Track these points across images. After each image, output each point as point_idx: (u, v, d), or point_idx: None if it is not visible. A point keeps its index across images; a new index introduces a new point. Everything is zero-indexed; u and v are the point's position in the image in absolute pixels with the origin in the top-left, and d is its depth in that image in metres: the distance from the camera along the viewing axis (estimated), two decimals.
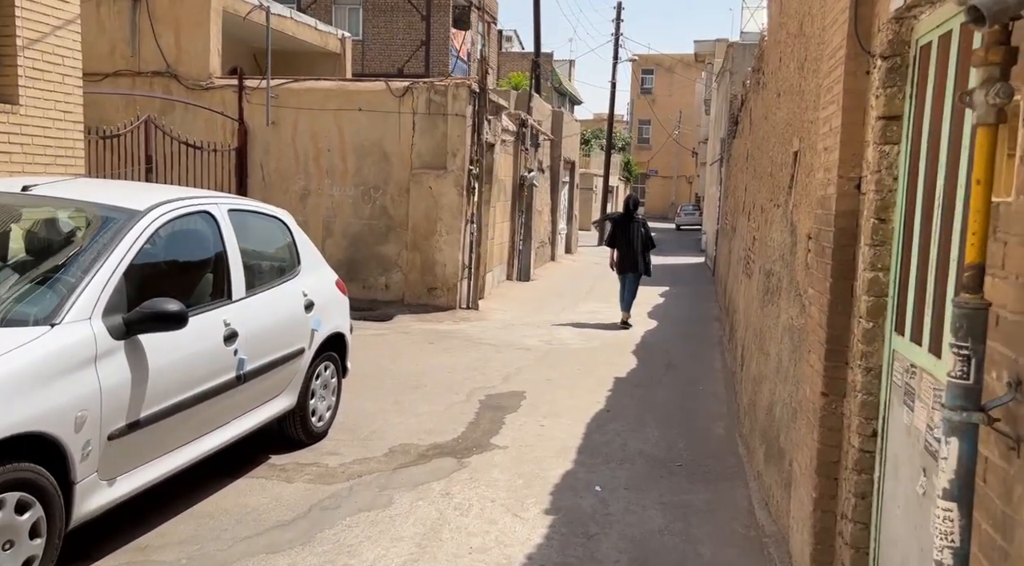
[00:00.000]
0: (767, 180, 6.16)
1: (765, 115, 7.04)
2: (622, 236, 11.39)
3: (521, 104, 17.17)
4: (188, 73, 11.90)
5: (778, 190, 5.32)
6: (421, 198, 11.54)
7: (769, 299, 5.17)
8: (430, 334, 9.84)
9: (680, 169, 62.58)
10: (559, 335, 10.39)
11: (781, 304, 4.71)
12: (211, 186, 11.38)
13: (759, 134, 7.77)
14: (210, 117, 11.78)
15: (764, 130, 6.97)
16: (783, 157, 5.19)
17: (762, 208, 6.40)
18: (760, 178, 7.03)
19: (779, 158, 5.43)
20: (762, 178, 6.78)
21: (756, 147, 8.06)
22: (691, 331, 11.35)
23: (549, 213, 20.21)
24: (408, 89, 11.49)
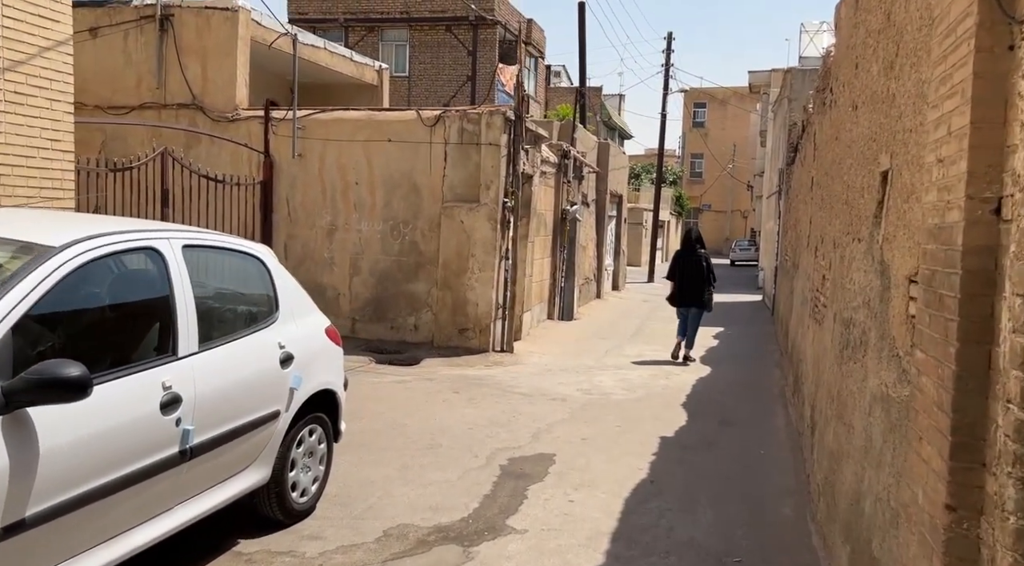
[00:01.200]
0: (841, 209, 5.17)
1: (836, 135, 6.06)
2: (684, 269, 11.22)
3: (564, 135, 16.40)
4: (214, 105, 11.44)
5: (858, 221, 4.33)
6: (452, 233, 10.77)
7: (850, 356, 4.16)
8: (457, 381, 8.96)
9: (734, 203, 61.12)
10: (599, 383, 9.40)
11: (868, 364, 3.70)
12: (234, 222, 10.82)
13: (827, 158, 6.77)
14: (235, 150, 11.28)
15: (835, 152, 5.98)
16: (864, 180, 4.21)
17: (835, 243, 5.40)
18: (830, 208, 6.03)
19: (858, 182, 4.46)
20: (833, 207, 5.78)
21: (824, 173, 7.06)
22: (749, 380, 10.23)
23: (594, 248, 19.29)
24: (440, 118, 10.80)
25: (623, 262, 23.28)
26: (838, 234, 5.25)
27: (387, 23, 32.07)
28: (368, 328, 11.22)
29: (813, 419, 5.68)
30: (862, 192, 4.32)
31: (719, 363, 11.40)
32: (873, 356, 3.61)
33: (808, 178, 9.42)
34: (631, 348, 12.44)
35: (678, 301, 11.29)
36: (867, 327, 3.81)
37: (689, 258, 11.23)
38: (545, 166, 13.68)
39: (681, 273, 11.25)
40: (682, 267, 11.25)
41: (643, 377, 9.95)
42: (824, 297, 6.03)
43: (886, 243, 3.49)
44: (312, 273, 11.32)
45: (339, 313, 11.23)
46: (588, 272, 18.60)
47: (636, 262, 34.80)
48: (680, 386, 9.46)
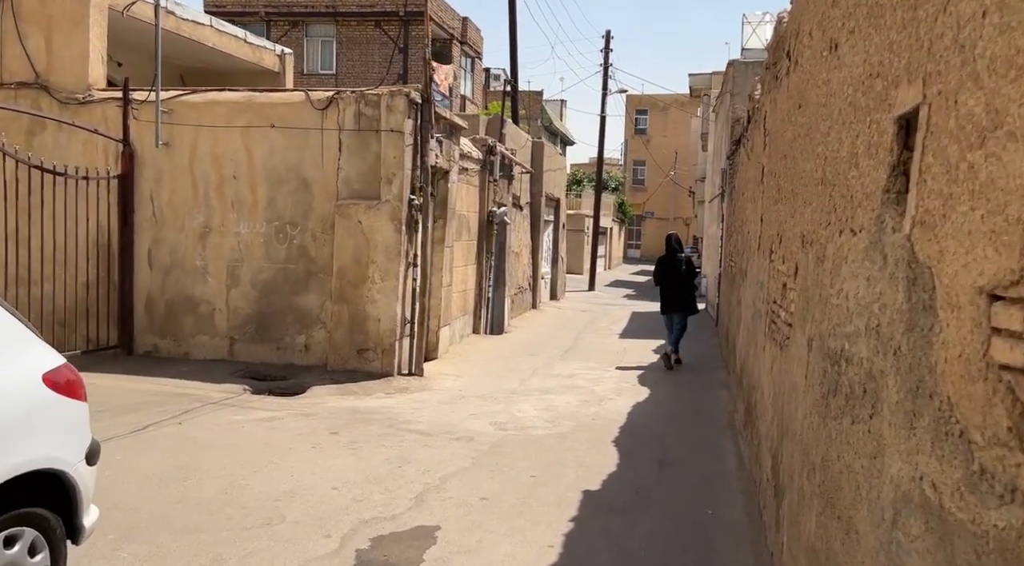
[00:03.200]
0: (813, 194, 3.76)
1: (799, 102, 4.67)
2: (667, 275, 11.30)
3: (492, 131, 14.91)
4: (62, 84, 9.59)
5: (849, 204, 2.90)
6: (349, 236, 9.14)
7: (843, 409, 2.72)
8: (343, 416, 7.33)
9: (677, 211, 60.71)
10: (519, 413, 7.88)
11: (884, 434, 2.24)
12: (84, 224, 9.00)
13: (786, 137, 5.40)
14: (90, 139, 9.45)
15: (799, 124, 4.59)
16: (861, 140, 2.79)
17: (804, 240, 3.98)
18: (793, 197, 4.64)
19: (846, 147, 3.04)
20: (799, 195, 4.38)
21: (780, 157, 5.68)
22: (693, 403, 8.84)
23: (529, 255, 17.83)
24: (332, 100, 9.18)
25: (562, 270, 21.90)
26: (809, 227, 3.83)
27: (312, 17, 30.22)
28: (249, 349, 9.49)
29: (778, 480, 4.24)
30: (854, 160, 2.88)
31: (658, 383, 10.01)
32: (896, 422, 2.15)
33: (757, 170, 8.09)
34: (563, 366, 10.97)
35: (663, 307, 11.38)
36: (878, 369, 2.36)
37: (669, 263, 11.28)
38: (466, 162, 12.15)
39: (664, 279, 11.29)
40: (665, 272, 11.29)
41: (571, 404, 8.46)
42: (787, 312, 4.63)
43: (922, 232, 2.03)
44: (182, 284, 9.56)
45: (214, 331, 9.49)
46: (522, 281, 17.12)
47: (577, 270, 33.54)
48: (613, 415, 8.00)
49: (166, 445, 6.00)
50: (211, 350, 9.53)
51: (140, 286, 9.60)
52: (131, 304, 9.56)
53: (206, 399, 7.76)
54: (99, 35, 9.66)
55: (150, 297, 9.61)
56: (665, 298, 11.33)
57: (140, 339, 9.64)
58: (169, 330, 9.60)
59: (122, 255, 9.47)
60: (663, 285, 11.35)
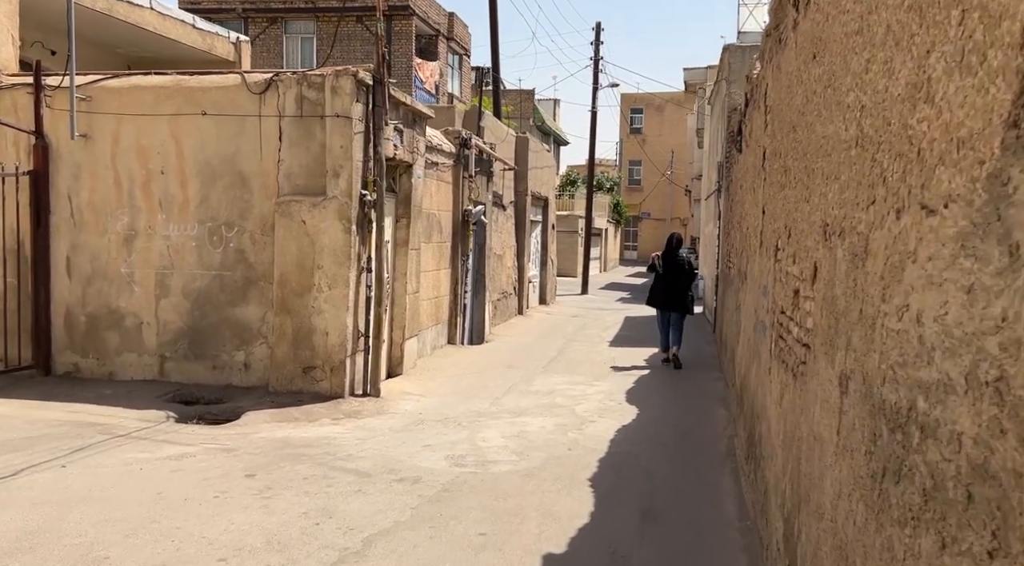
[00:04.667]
0: (844, 162, 2.61)
1: (814, 53, 3.52)
2: (666, 273, 11.18)
3: (470, 124, 13.78)
4: None
5: (918, 167, 1.77)
6: (291, 237, 7.99)
7: (926, 519, 1.59)
8: (270, 451, 6.18)
9: (674, 211, 59.66)
10: (483, 442, 6.72)
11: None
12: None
13: (794, 106, 4.26)
14: (0, 131, 8.32)
15: (815, 81, 3.44)
16: (941, 57, 1.65)
17: (827, 231, 2.84)
18: (808, 175, 3.49)
19: (902, 81, 1.90)
20: (815, 173, 3.23)
21: (789, 130, 4.53)
22: (686, 425, 7.69)
23: (514, 258, 16.69)
24: (271, 82, 8.04)
25: (551, 273, 20.77)
26: (837, 211, 2.68)
27: (291, 13, 29.09)
28: (182, 368, 8.34)
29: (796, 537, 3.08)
30: (925, 91, 1.74)
31: (648, 399, 8.86)
32: None
33: (757, 156, 6.97)
34: (543, 380, 9.82)
35: (660, 304, 11.28)
36: (1005, 466, 1.22)
37: (670, 261, 11.14)
38: (436, 155, 11.02)
39: (663, 277, 11.18)
40: (665, 270, 11.16)
41: (546, 429, 7.31)
42: (800, 328, 3.49)
43: None
44: (105, 295, 8.41)
45: (143, 348, 8.34)
46: (506, 285, 15.98)
47: (571, 272, 32.41)
48: (593, 442, 6.85)
49: (31, 498, 4.85)
50: (139, 369, 8.38)
51: (58, 298, 8.45)
52: (48, 318, 8.41)
53: (116, 430, 6.61)
54: (8, 13, 8.53)
55: (69, 310, 8.45)
56: (659, 292, 11.28)
57: (59, 358, 8.49)
58: (91, 347, 8.45)
59: (36, 263, 8.33)
60: (659, 277, 11.26)
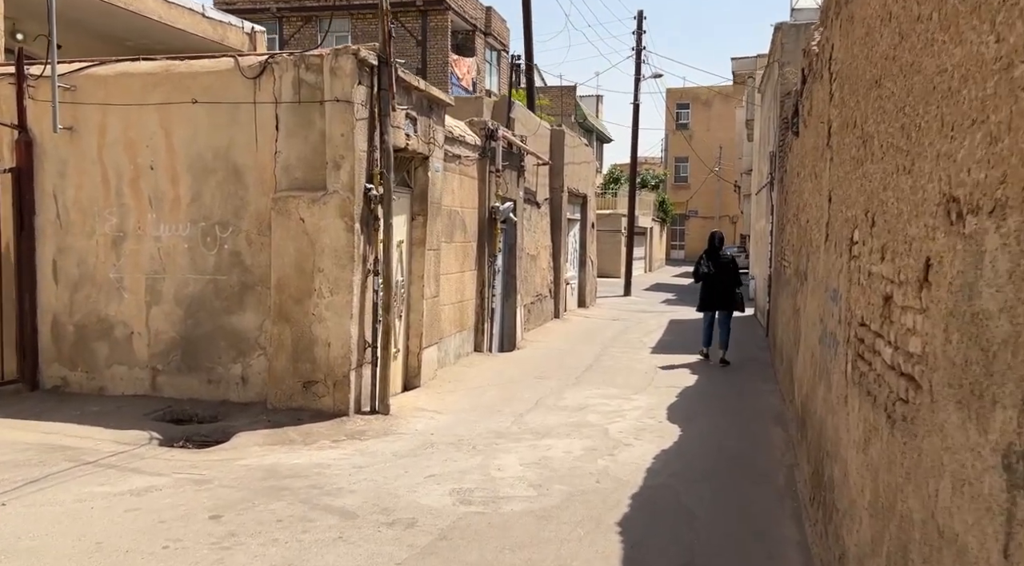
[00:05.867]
0: (988, 100, 1.63)
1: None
2: (712, 272, 11.00)
3: (499, 115, 12.88)
4: None
5: None
6: (289, 238, 7.18)
7: None
8: (249, 483, 5.34)
9: (722, 209, 57.95)
10: (498, 472, 5.79)
11: None
12: None
13: (877, 55, 3.24)
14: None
15: (924, 2, 2.42)
16: None
17: (954, 210, 1.85)
18: (904, 140, 2.49)
19: None
20: (926, 130, 2.23)
21: (870, 86, 3.51)
22: (736, 451, 6.65)
23: (549, 258, 15.74)
24: (266, 65, 7.24)
25: (591, 274, 19.73)
26: (973, 176, 1.69)
27: (325, 12, 28.58)
28: (176, 382, 7.60)
29: None
30: None
31: (693, 416, 7.82)
32: None
33: (819, 135, 5.92)
34: (575, 393, 8.86)
35: (706, 304, 11.16)
36: None
37: (715, 260, 10.98)
38: (457, 147, 10.13)
39: (708, 276, 10.99)
40: (709, 269, 10.97)
41: (573, 454, 6.35)
42: (901, 353, 2.49)
43: None
44: (94, 303, 7.71)
45: (134, 361, 7.63)
46: (540, 287, 15.04)
47: (614, 273, 31.28)
48: (627, 472, 5.86)
49: None
50: (130, 384, 7.67)
51: (44, 305, 7.79)
52: (34, 328, 7.75)
53: (87, 456, 5.87)
54: None
55: (56, 319, 7.79)
56: (707, 294, 11.09)
57: (46, 371, 7.83)
58: (80, 360, 7.77)
59: (20, 268, 7.68)
60: (706, 280, 11.05)
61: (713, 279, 11.00)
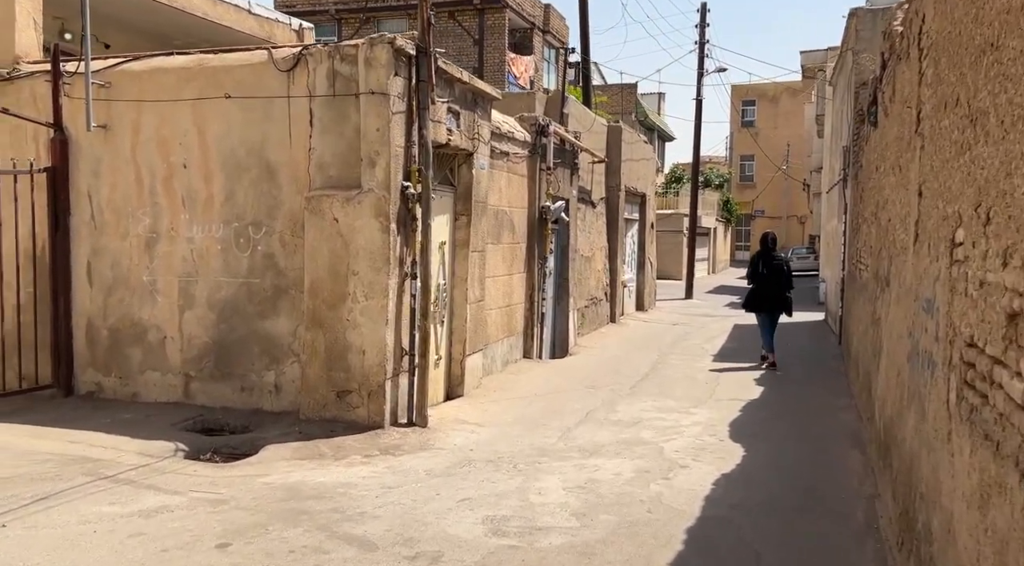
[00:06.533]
0: None
1: None
2: (765, 273, 10.89)
3: (552, 111, 12.35)
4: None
5: None
6: (323, 239, 6.79)
7: None
8: (268, 504, 4.95)
9: (790, 209, 56.09)
10: (537, 497, 5.26)
11: None
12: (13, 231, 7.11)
13: (1000, 3, 2.60)
14: (18, 125, 7.55)
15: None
16: None
17: None
18: None
19: None
20: None
21: (985, 50, 2.85)
22: (809, 479, 5.95)
23: (605, 260, 15.12)
24: (300, 57, 6.87)
25: (650, 276, 19.01)
26: None
27: (383, 12, 28.50)
28: (209, 389, 7.30)
29: None
30: None
31: (759, 434, 7.14)
32: None
33: (905, 124, 5.21)
34: (629, 406, 8.25)
35: (757, 305, 11.02)
36: None
37: (767, 261, 10.88)
38: (507, 144, 9.64)
39: (761, 277, 10.90)
40: (762, 270, 10.87)
41: (622, 476, 5.76)
42: None
43: None
44: (127, 306, 7.49)
45: (167, 366, 7.37)
46: (595, 290, 14.44)
47: (675, 275, 30.37)
48: (681, 501, 5.25)
49: None
50: (163, 390, 7.41)
51: (79, 308, 7.60)
52: (69, 332, 7.57)
53: (106, 469, 5.58)
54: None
55: (91, 323, 7.59)
56: (759, 295, 10.96)
57: (81, 376, 7.64)
58: (114, 365, 7.55)
59: (55, 270, 7.50)
60: (758, 281, 10.93)
61: (765, 280, 10.83)
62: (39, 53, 7.83)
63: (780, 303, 10.87)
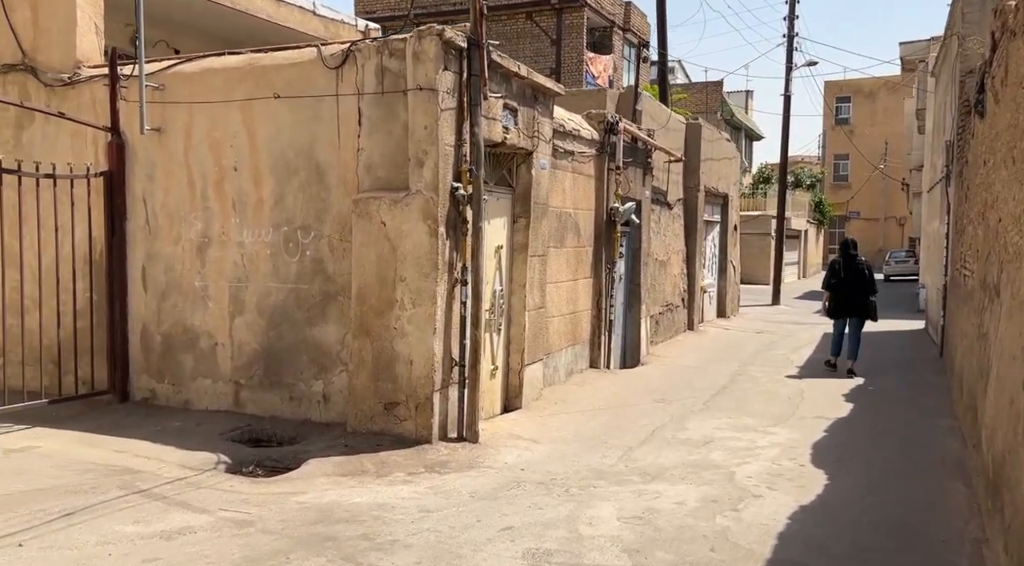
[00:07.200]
0: None
1: None
2: (845, 278, 10.53)
3: (624, 108, 11.78)
4: (48, 63, 7.79)
5: None
6: (370, 243, 6.48)
7: None
8: (295, 528, 4.63)
9: (888, 210, 53.30)
10: (588, 528, 4.76)
11: None
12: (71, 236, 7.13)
13: None
14: (79, 128, 7.57)
15: None
16: None
17: None
18: None
19: None
20: None
21: None
22: (903, 517, 5.21)
23: (682, 264, 14.39)
24: (349, 53, 6.58)
25: (733, 280, 18.09)
26: None
27: (461, 15, 28.38)
28: (258, 398, 7.10)
29: None
30: None
31: (846, 459, 6.40)
32: None
33: (1021, 106, 4.48)
34: (701, 423, 7.63)
35: (838, 311, 10.66)
36: None
37: (849, 265, 10.52)
38: (572, 143, 9.16)
39: (840, 282, 10.54)
40: (842, 275, 10.53)
41: (685, 507, 5.19)
42: None
43: None
44: (180, 312, 7.38)
45: (218, 374, 7.23)
46: (671, 296, 13.74)
47: (762, 280, 29.09)
48: (751, 539, 4.64)
49: None
50: (214, 398, 7.26)
51: (134, 314, 7.54)
52: (125, 337, 7.52)
53: (143, 482, 5.40)
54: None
55: (145, 328, 7.52)
56: (839, 302, 10.59)
57: (136, 382, 7.58)
58: (167, 371, 7.46)
59: (111, 275, 7.47)
60: (839, 287, 10.52)
61: (846, 286, 10.49)
62: (100, 57, 7.84)
63: (863, 309, 10.48)
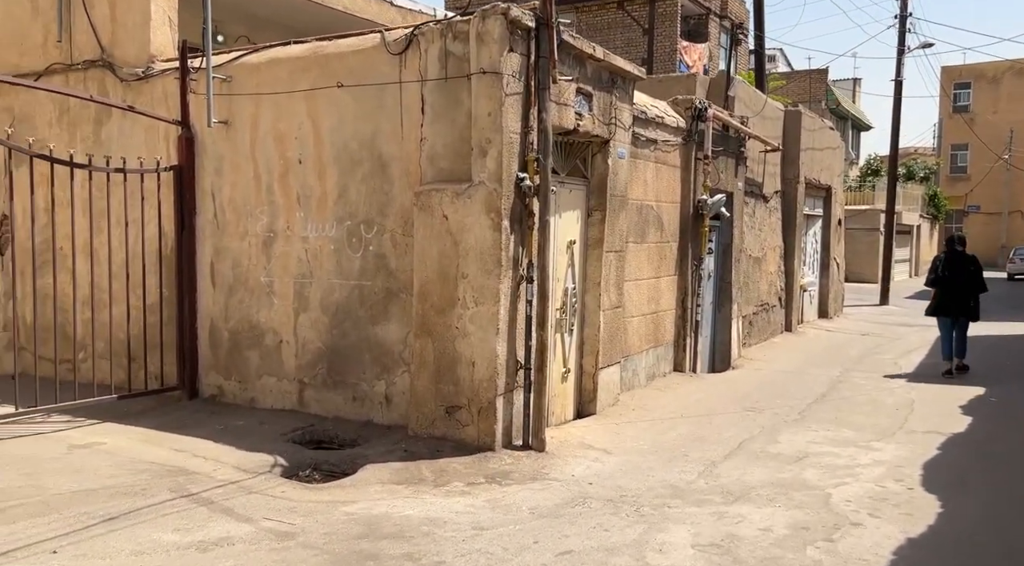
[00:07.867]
0: None
1: None
2: (951, 276, 10.07)
3: (716, 94, 11.06)
4: (125, 58, 7.82)
5: None
6: (432, 238, 6.13)
7: None
8: (337, 543, 4.32)
9: (1012, 203, 49.46)
10: (658, 556, 4.23)
11: None
12: (141, 230, 7.14)
13: None
14: (152, 124, 7.57)
15: None
16: None
17: None
18: None
19: None
20: None
21: None
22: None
23: (779, 261, 13.49)
24: (412, 38, 6.24)
25: (836, 279, 16.92)
26: None
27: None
28: (322, 398, 6.90)
29: None
30: None
31: (963, 485, 5.60)
32: None
33: None
34: (793, 436, 6.93)
35: (939, 309, 10.18)
36: None
37: (956, 263, 10.09)
38: (654, 130, 8.56)
39: (946, 280, 10.10)
40: (948, 273, 10.07)
41: (772, 534, 4.59)
42: None
43: None
44: (246, 308, 7.27)
45: (282, 372, 7.08)
46: (766, 295, 12.88)
47: (870, 278, 27.34)
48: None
49: None
50: (278, 397, 7.10)
51: (203, 310, 7.48)
52: (194, 333, 7.47)
53: (195, 484, 5.23)
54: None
55: (213, 324, 7.44)
56: (942, 299, 10.13)
57: (204, 379, 7.52)
58: (234, 368, 7.36)
59: (180, 270, 7.43)
60: (945, 283, 10.07)
61: (950, 283, 10.04)
62: (173, 51, 7.80)
63: (965, 307, 9.98)
